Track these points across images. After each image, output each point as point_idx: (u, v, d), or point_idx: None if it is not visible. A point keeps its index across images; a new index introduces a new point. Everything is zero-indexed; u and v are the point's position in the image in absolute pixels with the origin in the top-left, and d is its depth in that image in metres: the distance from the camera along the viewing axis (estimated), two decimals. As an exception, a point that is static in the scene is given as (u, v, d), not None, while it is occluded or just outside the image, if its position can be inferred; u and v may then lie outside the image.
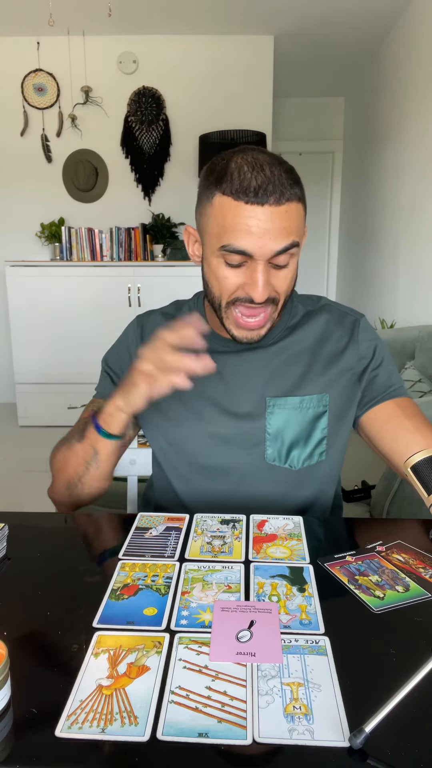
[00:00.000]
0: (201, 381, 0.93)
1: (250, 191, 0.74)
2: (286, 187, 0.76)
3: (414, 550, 0.76)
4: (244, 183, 0.75)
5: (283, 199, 0.75)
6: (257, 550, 0.76)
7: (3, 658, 0.49)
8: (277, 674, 0.53)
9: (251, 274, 0.79)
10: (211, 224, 0.80)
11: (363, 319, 0.97)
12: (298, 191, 0.78)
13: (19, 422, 3.92)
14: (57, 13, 3.39)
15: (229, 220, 0.76)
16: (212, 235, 0.80)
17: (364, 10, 3.51)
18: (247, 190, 0.75)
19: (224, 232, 0.77)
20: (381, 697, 0.47)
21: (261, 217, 0.75)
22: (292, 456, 0.92)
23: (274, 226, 0.75)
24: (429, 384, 2.40)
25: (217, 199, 0.78)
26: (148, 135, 4.12)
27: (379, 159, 4.15)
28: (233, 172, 0.76)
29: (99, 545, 0.83)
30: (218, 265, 0.81)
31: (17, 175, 4.15)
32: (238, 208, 0.75)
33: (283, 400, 0.91)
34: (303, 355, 0.93)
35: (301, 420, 0.91)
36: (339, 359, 0.93)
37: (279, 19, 3.69)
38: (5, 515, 0.84)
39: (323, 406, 0.92)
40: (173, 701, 0.49)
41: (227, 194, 0.76)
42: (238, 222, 0.76)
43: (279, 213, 0.75)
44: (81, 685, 0.51)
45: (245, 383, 0.92)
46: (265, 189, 0.74)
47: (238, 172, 0.76)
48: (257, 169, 0.76)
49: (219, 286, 0.82)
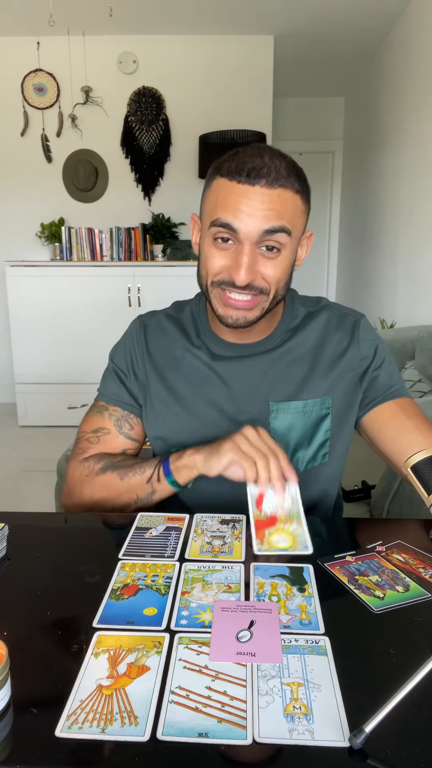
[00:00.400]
0: (204, 387, 0.93)
1: (243, 172, 0.77)
2: (281, 175, 0.77)
3: (414, 550, 0.76)
4: (240, 165, 0.78)
5: (276, 184, 0.77)
6: (260, 539, 0.76)
7: (3, 658, 0.49)
8: (277, 674, 0.53)
9: (237, 256, 0.80)
10: (207, 204, 0.83)
11: (364, 319, 0.97)
12: (296, 184, 0.79)
13: (19, 422, 3.92)
14: (57, 13, 3.39)
15: (221, 197, 0.79)
16: (206, 214, 0.83)
17: (364, 10, 3.51)
18: (241, 171, 0.77)
19: (215, 208, 0.80)
20: (381, 697, 0.47)
21: (251, 196, 0.77)
22: (296, 458, 0.92)
23: (263, 207, 0.77)
24: (429, 384, 2.40)
25: (215, 182, 0.81)
26: (148, 135, 4.12)
27: (379, 159, 4.15)
28: (234, 157, 0.80)
29: (99, 545, 0.83)
30: (209, 246, 0.83)
31: (17, 175, 4.14)
32: (231, 186, 0.78)
33: (286, 404, 0.91)
34: (305, 358, 0.93)
35: (305, 423, 0.92)
36: (341, 361, 0.93)
37: (279, 19, 3.69)
38: (5, 515, 0.84)
39: (326, 409, 0.92)
40: (173, 701, 0.49)
41: (224, 175, 0.80)
42: (229, 198, 0.78)
43: (270, 195, 0.77)
44: (81, 685, 0.51)
45: (248, 388, 0.92)
46: (259, 171, 0.77)
47: (239, 157, 0.79)
48: (256, 156, 0.78)
49: (206, 266, 0.84)
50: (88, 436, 0.97)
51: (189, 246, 3.99)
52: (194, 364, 0.94)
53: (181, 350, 0.96)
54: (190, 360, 0.95)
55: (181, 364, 0.95)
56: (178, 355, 0.95)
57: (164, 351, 0.96)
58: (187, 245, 4.00)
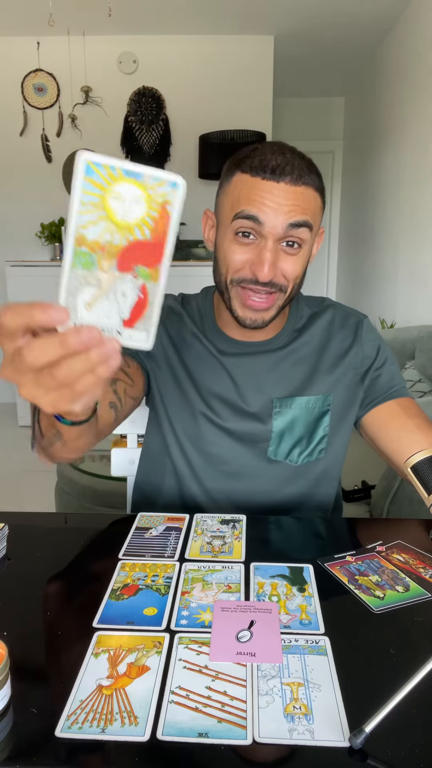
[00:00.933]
0: (212, 376, 0.94)
1: (268, 168, 0.77)
2: (304, 171, 0.78)
3: (414, 550, 0.76)
4: (264, 161, 0.78)
5: (300, 181, 0.78)
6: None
7: (3, 658, 0.49)
8: (277, 674, 0.53)
9: (260, 252, 0.79)
10: (227, 200, 0.82)
11: (366, 319, 0.98)
12: (316, 180, 0.80)
13: (19, 422, 3.92)
14: (57, 13, 3.39)
15: (245, 192, 0.79)
16: (226, 210, 0.82)
17: (364, 10, 3.51)
18: (265, 167, 0.77)
19: (238, 202, 0.79)
20: (381, 697, 0.47)
21: (276, 192, 0.77)
22: (293, 452, 0.93)
23: (288, 202, 0.77)
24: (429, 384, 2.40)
25: (236, 178, 0.80)
26: (148, 135, 4.12)
27: (379, 159, 4.15)
28: (254, 153, 0.79)
29: (99, 545, 0.83)
30: (230, 242, 0.82)
31: (17, 175, 4.15)
32: (254, 182, 0.78)
33: (290, 400, 0.92)
34: (309, 357, 0.94)
35: (306, 419, 0.93)
36: (343, 359, 0.94)
37: (279, 19, 3.69)
38: (5, 515, 0.84)
39: (327, 406, 0.93)
40: (173, 701, 0.49)
41: (246, 171, 0.79)
42: (253, 193, 0.78)
43: (294, 192, 0.78)
44: (81, 685, 0.51)
45: (253, 384, 0.93)
46: (283, 168, 0.77)
47: (260, 153, 0.79)
48: (277, 152, 0.79)
49: (226, 263, 0.83)
50: None
51: (189, 246, 3.99)
52: (203, 353, 0.95)
53: (191, 336, 0.96)
54: (199, 348, 0.95)
55: (192, 348, 0.96)
56: (189, 339, 0.96)
57: (177, 332, 0.97)
58: (187, 245, 4.00)
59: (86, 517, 0.91)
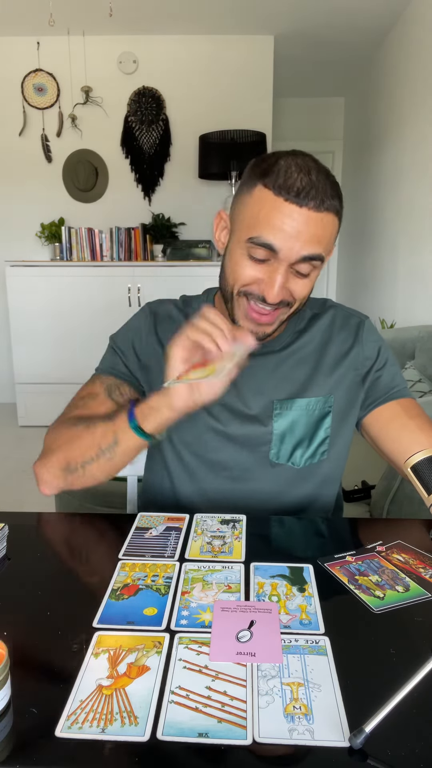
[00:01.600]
0: None
1: (292, 190, 0.74)
2: (327, 196, 0.76)
3: (414, 550, 0.76)
4: (289, 181, 0.75)
5: (322, 207, 0.75)
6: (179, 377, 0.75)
7: (3, 658, 0.49)
8: (277, 674, 0.53)
9: (271, 273, 0.78)
10: (246, 213, 0.79)
11: (367, 320, 0.98)
12: (337, 205, 0.78)
13: (19, 422, 3.91)
14: (57, 13, 3.38)
15: (264, 212, 0.76)
16: (243, 224, 0.79)
17: (364, 11, 3.51)
18: (290, 189, 0.74)
19: (257, 223, 0.77)
20: (381, 697, 0.47)
21: (297, 218, 0.75)
22: (295, 455, 0.92)
23: (308, 231, 0.75)
24: (429, 384, 2.40)
25: (258, 191, 0.77)
26: (148, 135, 4.12)
27: (379, 159, 4.15)
28: (280, 169, 0.76)
29: (99, 545, 0.83)
30: (241, 256, 0.80)
31: (17, 175, 4.14)
32: (276, 202, 0.75)
33: (290, 402, 0.91)
34: (309, 358, 0.94)
35: (307, 421, 0.92)
36: (344, 360, 0.94)
37: (279, 19, 3.69)
38: (5, 515, 0.84)
39: (328, 407, 0.93)
40: (173, 701, 0.49)
41: (269, 187, 0.75)
42: (273, 215, 0.75)
43: (315, 219, 0.75)
44: (81, 685, 0.51)
45: (253, 386, 0.92)
46: (308, 192, 0.74)
47: (285, 170, 0.76)
48: (304, 172, 0.75)
49: (235, 274, 0.82)
50: (76, 402, 0.94)
51: (189, 246, 3.99)
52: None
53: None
54: None
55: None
56: None
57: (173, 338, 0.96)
58: (187, 245, 4.00)
59: (86, 517, 0.91)
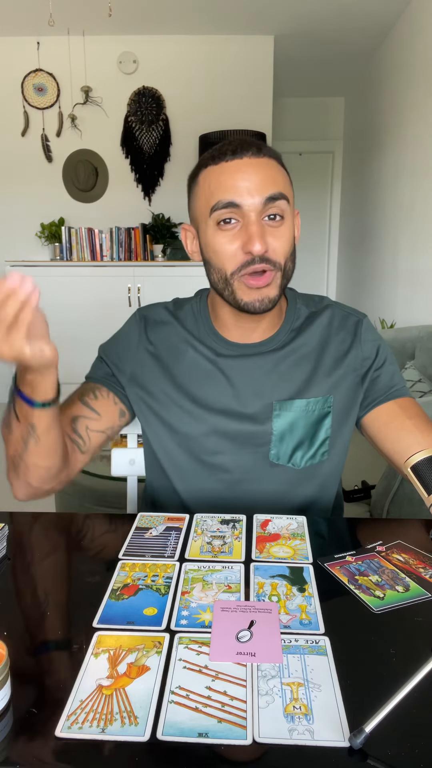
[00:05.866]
0: (208, 382, 0.93)
1: (228, 152, 0.80)
2: (263, 147, 0.81)
3: (414, 550, 0.76)
4: (221, 148, 0.81)
5: (260, 153, 0.80)
6: (260, 549, 0.76)
7: (3, 658, 0.49)
8: (277, 674, 0.53)
9: (246, 231, 0.80)
10: (200, 201, 0.84)
11: (366, 319, 0.97)
12: (277, 154, 0.83)
13: (19, 422, 3.91)
14: (57, 13, 3.38)
15: (214, 184, 0.81)
16: (202, 209, 0.83)
17: (364, 10, 3.51)
18: (225, 152, 0.80)
19: (212, 195, 0.81)
20: (381, 697, 0.47)
21: (242, 168, 0.80)
22: (295, 456, 0.92)
23: (257, 174, 0.79)
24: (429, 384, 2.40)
25: (202, 176, 0.83)
26: (148, 135, 4.12)
27: (379, 159, 4.15)
28: (211, 150, 0.83)
29: (99, 545, 0.83)
30: (214, 235, 0.82)
31: (17, 175, 4.14)
32: (219, 169, 0.80)
33: (289, 403, 0.91)
34: (308, 358, 0.93)
35: (307, 422, 0.92)
36: (343, 360, 0.93)
37: (279, 19, 3.69)
38: (5, 515, 0.84)
39: (327, 408, 0.92)
40: (173, 701, 0.49)
41: (208, 165, 0.82)
42: (221, 179, 0.80)
43: (259, 163, 0.80)
44: (81, 685, 0.51)
45: (252, 387, 0.92)
46: (242, 146, 0.80)
47: (216, 147, 0.83)
48: (233, 140, 0.83)
49: (219, 259, 0.83)
50: None
51: (189, 246, 3.99)
52: (196, 359, 0.94)
53: (184, 344, 0.95)
54: (193, 355, 0.94)
55: (184, 357, 0.94)
56: (182, 348, 0.95)
57: (167, 342, 0.95)
58: (187, 245, 4.00)
59: (86, 517, 0.91)
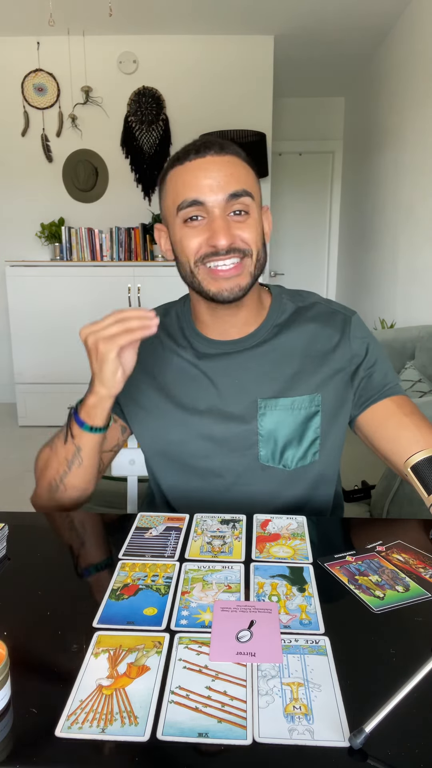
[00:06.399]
0: (193, 386, 0.93)
1: (191, 152, 0.83)
2: (226, 145, 0.83)
3: (414, 550, 0.76)
4: (186, 149, 0.84)
5: (223, 152, 0.82)
6: (260, 550, 0.76)
7: (3, 658, 0.49)
8: (277, 674, 0.53)
9: (210, 226, 0.82)
10: (168, 199, 0.86)
11: (355, 316, 0.95)
12: (241, 152, 0.85)
13: (19, 422, 3.92)
14: (57, 13, 3.38)
15: (180, 182, 0.83)
16: (171, 208, 0.85)
17: (364, 10, 3.50)
18: (189, 152, 0.83)
19: (178, 194, 0.83)
20: (381, 697, 0.47)
21: (205, 166, 0.81)
22: (286, 456, 0.91)
23: (220, 172, 0.81)
24: (429, 384, 2.40)
25: (169, 178, 0.85)
26: (148, 135, 4.12)
27: (379, 159, 4.15)
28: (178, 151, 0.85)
29: (99, 545, 0.83)
30: (181, 230, 0.84)
31: (17, 175, 4.14)
32: (183, 169, 0.83)
33: (274, 401, 0.90)
34: (294, 355, 0.92)
35: (293, 421, 0.90)
36: (330, 358, 0.92)
37: (279, 19, 3.69)
38: (5, 515, 0.84)
39: (315, 406, 0.91)
40: (173, 701, 0.49)
41: (174, 167, 0.84)
42: (186, 179, 0.82)
43: (222, 161, 0.82)
44: (81, 685, 0.51)
45: (235, 386, 0.91)
46: (204, 145, 0.82)
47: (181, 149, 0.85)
48: (197, 140, 0.86)
49: (185, 250, 0.84)
50: None
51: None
52: (181, 365, 0.94)
53: (169, 352, 0.96)
54: (177, 361, 0.95)
55: (170, 365, 0.95)
56: (166, 357, 0.96)
57: (152, 353, 0.96)
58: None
59: (86, 517, 0.91)
